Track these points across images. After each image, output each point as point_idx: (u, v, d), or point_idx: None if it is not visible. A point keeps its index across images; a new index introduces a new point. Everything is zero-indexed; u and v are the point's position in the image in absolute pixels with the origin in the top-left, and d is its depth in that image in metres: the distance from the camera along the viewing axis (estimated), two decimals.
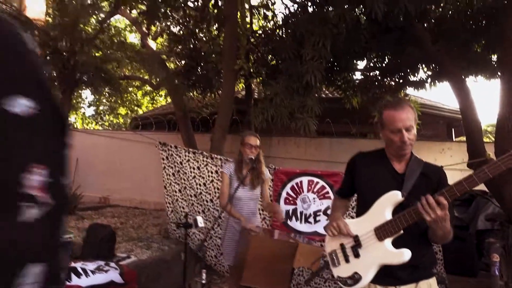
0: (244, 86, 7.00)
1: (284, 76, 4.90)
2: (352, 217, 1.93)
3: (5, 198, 0.38)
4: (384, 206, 1.70)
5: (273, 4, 6.33)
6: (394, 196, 1.68)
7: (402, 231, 1.64)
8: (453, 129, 8.79)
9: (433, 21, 5.54)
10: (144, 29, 6.91)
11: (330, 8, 4.86)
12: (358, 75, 6.67)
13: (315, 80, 4.51)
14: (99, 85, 6.30)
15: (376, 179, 1.78)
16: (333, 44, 4.55)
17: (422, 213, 1.51)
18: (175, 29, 6.71)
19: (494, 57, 5.62)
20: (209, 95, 6.84)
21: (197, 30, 6.23)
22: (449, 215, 1.53)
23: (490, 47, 5.39)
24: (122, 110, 13.70)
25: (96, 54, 6.24)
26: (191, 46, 6.38)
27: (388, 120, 1.71)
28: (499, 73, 5.69)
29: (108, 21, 7.03)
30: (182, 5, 5.78)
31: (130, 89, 11.34)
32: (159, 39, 8.76)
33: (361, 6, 4.69)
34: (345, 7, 4.49)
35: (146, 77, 8.81)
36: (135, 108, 13.16)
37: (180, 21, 6.26)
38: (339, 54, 5.23)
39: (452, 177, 1.83)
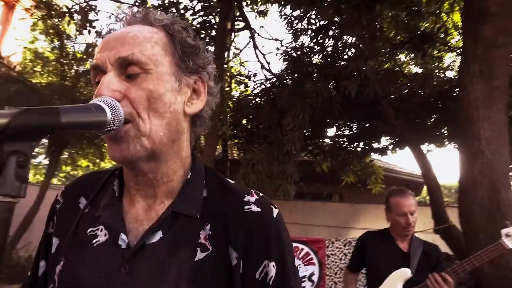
0: (221, 146, 7.21)
1: (265, 143, 5.22)
2: None
3: None
4: (396, 282, 1.91)
5: (254, 75, 6.84)
6: (404, 273, 1.91)
7: None
8: None
9: (392, 97, 6.32)
10: None
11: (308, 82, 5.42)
12: (327, 141, 7.19)
13: (295, 148, 4.86)
14: (83, 144, 6.24)
15: (385, 258, 2.02)
16: (310, 116, 5.01)
17: None
18: None
19: (443, 130, 6.47)
20: None
21: None
22: None
23: (440, 123, 6.22)
24: (83, 162, 13.14)
25: None
26: None
27: (395, 205, 2.01)
28: (446, 142, 6.58)
29: None
30: None
31: (96, 141, 11.09)
32: None
33: (335, 83, 5.29)
34: (322, 83, 5.03)
35: None
36: (97, 160, 12.70)
37: None
38: (314, 123, 5.71)
39: None
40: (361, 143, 6.84)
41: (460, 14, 5.45)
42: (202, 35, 5.82)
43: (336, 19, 5.12)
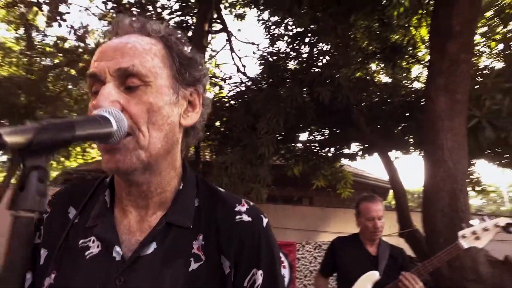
0: (193, 148, 7.16)
1: (238, 145, 5.24)
2: None
3: None
4: (366, 284, 2.01)
5: (230, 78, 6.85)
6: (373, 275, 2.01)
7: None
8: None
9: (363, 105, 6.55)
10: None
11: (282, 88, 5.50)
12: (299, 145, 7.31)
13: (268, 152, 4.92)
14: None
15: (355, 261, 2.11)
16: (285, 120, 5.09)
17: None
18: None
19: (410, 138, 6.79)
20: None
21: None
22: None
23: (407, 131, 6.51)
24: None
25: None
26: None
27: (365, 210, 2.11)
28: (412, 150, 6.91)
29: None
30: None
31: None
32: None
33: (309, 89, 5.41)
34: (296, 89, 5.13)
35: None
36: (62, 159, 12.16)
37: None
38: (288, 128, 5.81)
39: None
40: (332, 149, 7.02)
41: (427, 29, 5.76)
42: None
43: (312, 26, 5.26)
